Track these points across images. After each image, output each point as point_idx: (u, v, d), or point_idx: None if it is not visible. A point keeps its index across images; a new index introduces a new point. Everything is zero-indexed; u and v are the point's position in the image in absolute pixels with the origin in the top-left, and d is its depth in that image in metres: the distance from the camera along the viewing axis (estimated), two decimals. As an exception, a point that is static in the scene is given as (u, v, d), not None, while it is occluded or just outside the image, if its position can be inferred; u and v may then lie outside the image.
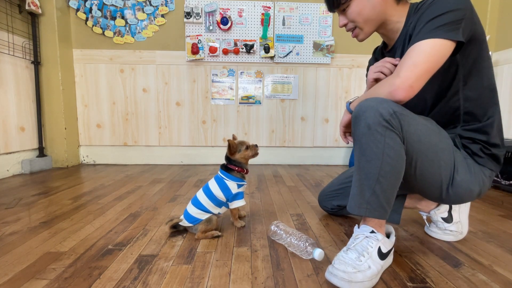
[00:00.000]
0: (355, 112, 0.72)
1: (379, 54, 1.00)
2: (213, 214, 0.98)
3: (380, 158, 0.68)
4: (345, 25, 0.88)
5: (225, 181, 1.00)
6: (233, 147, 1.00)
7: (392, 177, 0.70)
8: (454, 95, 0.79)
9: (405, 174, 0.74)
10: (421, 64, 0.68)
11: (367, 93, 0.79)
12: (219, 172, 1.03)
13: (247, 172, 1.04)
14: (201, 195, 0.99)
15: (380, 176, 0.69)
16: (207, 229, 0.95)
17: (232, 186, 0.99)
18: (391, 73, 0.78)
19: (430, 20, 0.70)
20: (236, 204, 1.00)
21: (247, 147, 1.02)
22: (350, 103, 0.86)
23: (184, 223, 0.96)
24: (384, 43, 0.96)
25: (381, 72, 0.81)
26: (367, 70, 1.01)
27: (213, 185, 1.00)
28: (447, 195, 0.79)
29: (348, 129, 0.92)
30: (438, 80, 0.78)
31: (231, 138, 1.03)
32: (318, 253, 0.79)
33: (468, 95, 0.78)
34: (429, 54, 0.68)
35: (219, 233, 0.97)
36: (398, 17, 0.83)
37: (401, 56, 0.82)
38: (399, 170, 0.71)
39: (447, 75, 0.78)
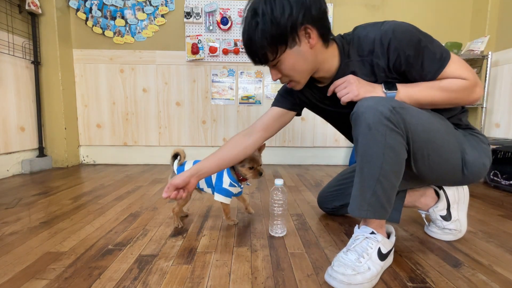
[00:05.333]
0: (355, 112, 0.72)
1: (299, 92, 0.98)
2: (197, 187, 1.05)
3: (380, 158, 0.68)
4: (279, 79, 0.82)
5: (223, 171, 1.03)
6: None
7: (393, 176, 0.70)
8: None
9: (420, 167, 0.75)
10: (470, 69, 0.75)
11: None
12: None
13: (243, 180, 1.05)
14: None
15: (380, 176, 0.69)
16: (181, 206, 1.04)
17: (225, 180, 1.02)
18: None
19: (420, 53, 0.73)
20: (219, 197, 1.02)
21: (251, 168, 1.00)
22: None
23: (175, 166, 1.05)
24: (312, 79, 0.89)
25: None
26: (278, 94, 1.06)
27: None
28: (464, 176, 0.82)
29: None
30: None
31: (228, 138, 1.05)
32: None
33: None
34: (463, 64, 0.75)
35: (181, 225, 1.05)
36: (331, 59, 0.81)
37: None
38: (400, 169, 0.71)
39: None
